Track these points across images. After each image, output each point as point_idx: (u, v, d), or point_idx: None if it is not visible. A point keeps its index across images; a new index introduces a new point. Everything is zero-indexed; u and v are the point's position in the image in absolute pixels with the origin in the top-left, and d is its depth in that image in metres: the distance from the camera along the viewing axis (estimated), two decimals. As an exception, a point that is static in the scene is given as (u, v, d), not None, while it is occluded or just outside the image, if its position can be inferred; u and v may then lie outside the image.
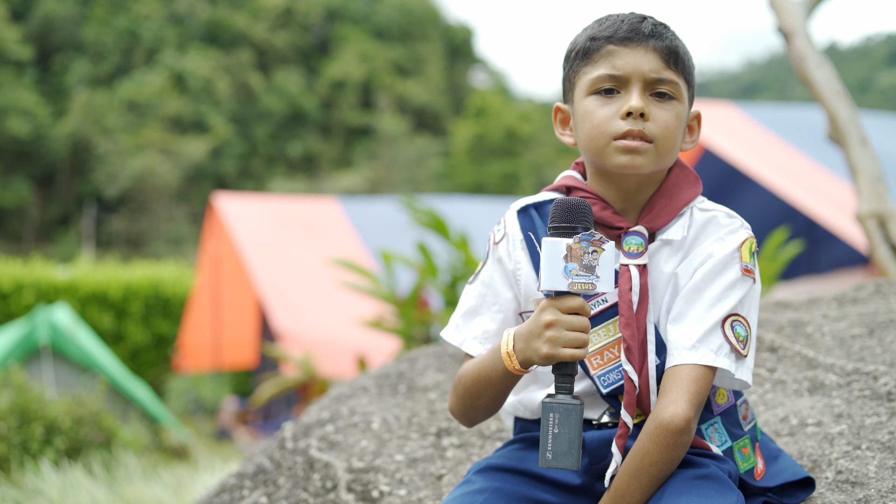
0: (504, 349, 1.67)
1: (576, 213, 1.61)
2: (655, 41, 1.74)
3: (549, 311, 1.59)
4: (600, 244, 1.57)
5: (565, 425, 1.57)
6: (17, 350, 9.87)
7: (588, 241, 1.57)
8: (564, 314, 1.59)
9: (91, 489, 5.49)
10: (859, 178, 4.30)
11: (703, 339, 1.66)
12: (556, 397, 1.59)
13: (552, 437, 1.57)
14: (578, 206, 1.61)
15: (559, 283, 1.57)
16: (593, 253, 1.57)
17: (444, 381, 2.87)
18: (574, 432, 1.56)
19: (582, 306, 1.59)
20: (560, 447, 1.57)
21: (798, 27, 4.62)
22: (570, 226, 1.60)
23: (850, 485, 1.90)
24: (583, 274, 1.57)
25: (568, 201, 1.62)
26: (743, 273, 1.72)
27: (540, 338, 1.60)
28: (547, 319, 1.59)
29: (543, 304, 1.61)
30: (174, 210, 40.40)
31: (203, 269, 16.41)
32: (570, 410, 1.57)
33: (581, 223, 1.60)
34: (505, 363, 1.67)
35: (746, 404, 1.86)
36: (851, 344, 2.55)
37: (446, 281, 6.50)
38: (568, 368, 1.60)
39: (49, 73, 45.56)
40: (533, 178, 44.23)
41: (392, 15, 52.86)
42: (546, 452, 1.58)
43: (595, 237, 1.57)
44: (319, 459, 2.49)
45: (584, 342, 1.58)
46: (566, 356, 1.58)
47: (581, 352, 1.58)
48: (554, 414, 1.57)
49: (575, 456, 1.56)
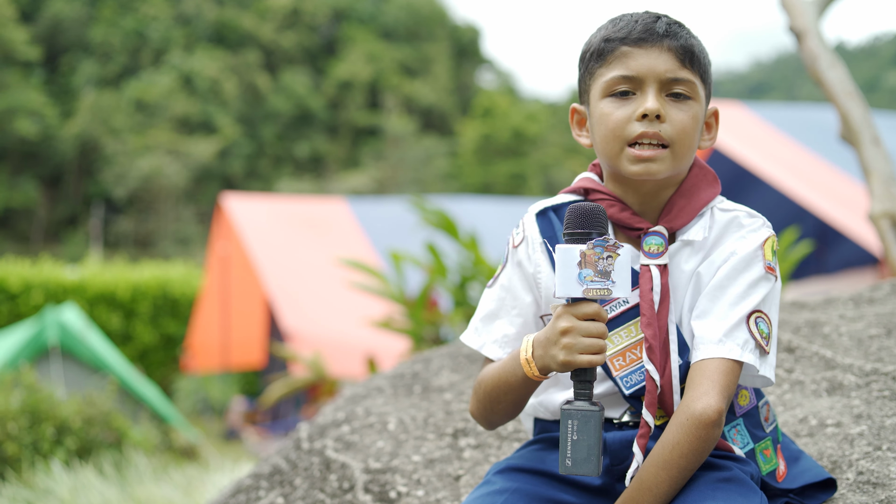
0: (523, 356, 1.67)
1: (590, 218, 1.60)
2: (670, 41, 1.73)
3: (565, 318, 1.59)
4: (615, 249, 1.56)
5: (584, 432, 1.56)
6: (26, 350, 9.89)
7: (602, 247, 1.56)
8: (580, 321, 1.58)
9: (102, 489, 5.50)
10: (872, 178, 4.29)
11: (728, 334, 1.66)
12: (574, 404, 1.58)
13: (571, 444, 1.57)
14: (592, 212, 1.60)
15: (574, 289, 1.57)
16: (608, 258, 1.56)
17: (459, 382, 2.87)
18: (593, 439, 1.56)
19: (598, 312, 1.59)
20: (579, 454, 1.56)
21: (810, 27, 4.60)
22: (585, 231, 1.59)
23: (872, 486, 1.89)
24: (598, 279, 1.56)
25: (582, 207, 1.61)
26: (766, 271, 1.71)
27: (556, 345, 1.60)
28: (563, 326, 1.59)
29: (559, 310, 1.61)
30: (182, 210, 40.47)
31: (211, 269, 16.42)
32: (588, 417, 1.56)
33: (595, 228, 1.59)
34: (524, 369, 1.67)
35: (768, 406, 1.85)
36: (869, 344, 2.54)
37: (456, 281, 6.49)
38: (586, 375, 1.59)
39: (57, 73, 45.68)
40: (540, 178, 44.22)
41: (399, 15, 52.86)
42: (566, 459, 1.57)
43: (609, 242, 1.56)
44: (336, 460, 2.49)
45: (602, 348, 1.58)
46: (583, 363, 1.57)
47: (598, 358, 1.58)
48: (573, 421, 1.57)
49: (594, 462, 1.55)
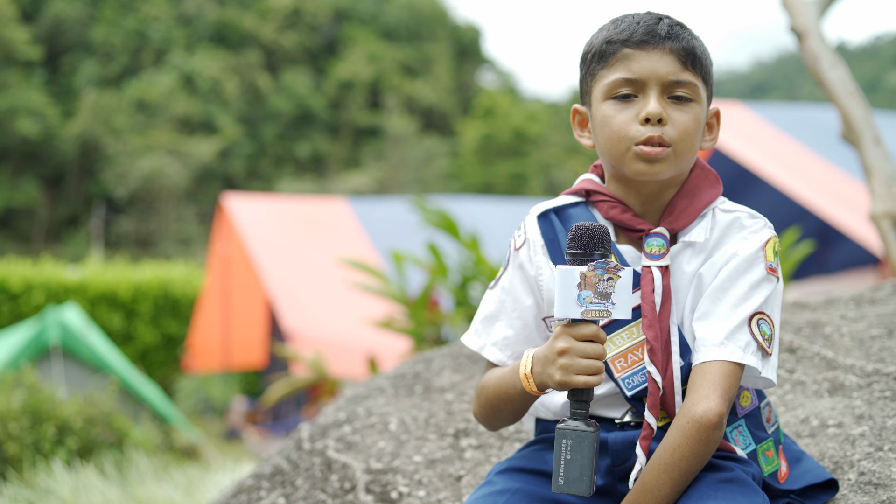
0: (522, 370, 1.68)
1: (592, 239, 1.60)
2: (672, 43, 1.72)
3: (563, 339, 1.60)
4: (616, 271, 1.57)
5: (577, 452, 1.56)
6: (27, 350, 9.90)
7: (603, 269, 1.56)
8: (578, 341, 1.59)
9: (103, 489, 5.49)
10: (873, 178, 4.28)
11: (730, 336, 1.66)
12: (569, 423, 1.59)
13: (564, 463, 1.57)
14: (595, 233, 1.60)
15: (573, 310, 1.57)
16: (609, 280, 1.56)
17: (460, 382, 2.87)
18: (586, 459, 1.56)
19: (596, 333, 1.59)
20: (572, 473, 1.57)
21: (811, 27, 4.60)
22: (587, 252, 1.59)
23: (874, 486, 1.89)
24: (598, 301, 1.56)
25: (585, 227, 1.61)
26: (767, 272, 1.71)
27: (554, 364, 1.61)
28: (560, 347, 1.59)
29: (557, 330, 1.62)
30: (183, 210, 40.48)
31: (212, 269, 16.43)
32: (582, 437, 1.57)
33: (598, 250, 1.59)
34: (523, 384, 1.69)
35: (770, 406, 1.85)
36: (871, 345, 2.53)
37: (457, 281, 6.49)
38: (583, 395, 1.60)
39: (58, 73, 45.69)
40: (541, 178, 44.22)
41: (400, 15, 52.87)
42: (559, 478, 1.58)
43: (610, 265, 1.57)
44: (337, 460, 2.49)
45: (598, 370, 1.59)
46: (579, 383, 1.58)
47: (595, 379, 1.58)
48: (567, 441, 1.57)
49: (587, 483, 1.56)
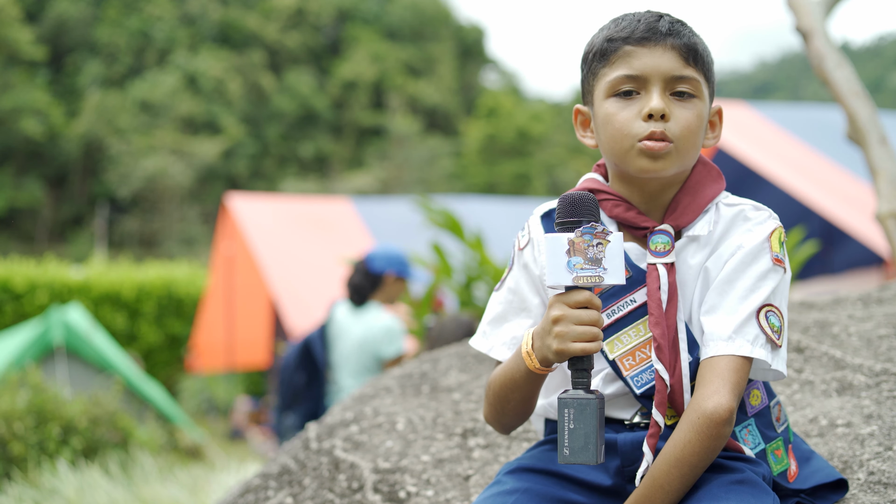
0: (524, 348, 1.68)
1: (579, 206, 1.60)
2: (673, 39, 1.72)
3: (557, 307, 1.59)
4: (604, 236, 1.56)
5: (580, 420, 1.54)
6: (31, 350, 9.89)
7: (591, 234, 1.55)
8: (572, 308, 1.58)
9: (108, 489, 5.49)
10: (879, 178, 4.28)
11: (738, 330, 1.65)
12: (570, 392, 1.57)
13: (568, 433, 1.55)
14: (581, 200, 1.60)
15: (564, 277, 1.56)
16: (598, 245, 1.55)
17: (467, 382, 2.86)
18: (590, 427, 1.54)
19: (589, 299, 1.58)
20: (577, 443, 1.55)
21: (816, 27, 4.59)
22: (575, 220, 1.59)
23: (883, 486, 1.89)
24: (588, 267, 1.55)
25: (571, 195, 1.61)
26: (774, 263, 1.70)
27: (550, 334, 1.60)
28: (554, 315, 1.58)
29: (551, 300, 1.61)
30: (186, 210, 40.51)
31: (216, 269, 16.44)
32: (584, 405, 1.55)
33: (585, 216, 1.59)
34: (526, 363, 1.68)
35: (779, 406, 1.85)
36: (879, 344, 2.53)
37: (461, 281, 6.50)
38: (582, 363, 1.58)
39: (62, 73, 45.73)
40: (545, 178, 44.20)
41: (404, 15, 52.87)
42: (563, 449, 1.56)
43: (598, 229, 1.55)
44: (345, 460, 2.49)
45: (595, 335, 1.57)
46: (577, 350, 1.56)
47: (592, 345, 1.56)
48: (568, 410, 1.55)
49: (592, 451, 1.54)
